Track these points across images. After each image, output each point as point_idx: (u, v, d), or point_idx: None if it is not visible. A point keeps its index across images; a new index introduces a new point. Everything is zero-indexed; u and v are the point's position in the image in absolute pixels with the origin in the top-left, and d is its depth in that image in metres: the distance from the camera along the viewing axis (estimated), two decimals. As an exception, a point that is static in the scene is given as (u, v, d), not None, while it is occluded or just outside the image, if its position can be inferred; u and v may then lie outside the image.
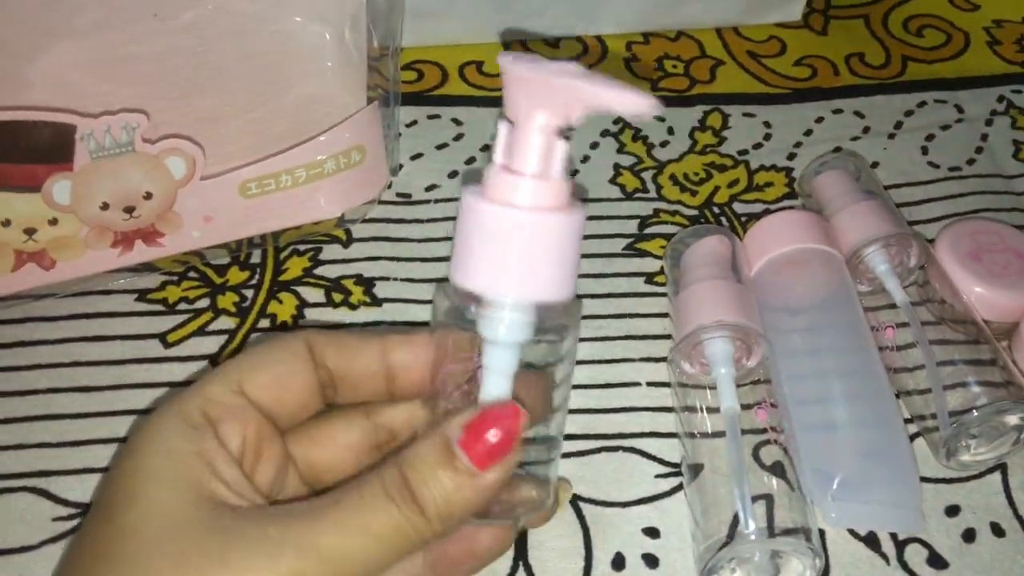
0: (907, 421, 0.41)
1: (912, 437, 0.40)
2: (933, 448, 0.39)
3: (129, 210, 0.40)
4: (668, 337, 0.43)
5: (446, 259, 0.45)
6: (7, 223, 0.38)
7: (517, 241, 0.26)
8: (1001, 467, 0.40)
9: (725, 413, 0.37)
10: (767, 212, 0.49)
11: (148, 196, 0.40)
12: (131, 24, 0.37)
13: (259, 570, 0.23)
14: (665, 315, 0.44)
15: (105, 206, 0.40)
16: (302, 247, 0.46)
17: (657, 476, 0.39)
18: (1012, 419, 0.38)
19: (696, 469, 0.38)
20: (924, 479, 0.39)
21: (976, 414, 0.38)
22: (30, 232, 0.39)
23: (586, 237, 0.47)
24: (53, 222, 0.39)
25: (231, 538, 0.24)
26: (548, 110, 0.26)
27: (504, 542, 0.30)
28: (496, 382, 0.27)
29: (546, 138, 0.26)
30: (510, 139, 0.27)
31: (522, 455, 0.27)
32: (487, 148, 0.51)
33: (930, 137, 0.54)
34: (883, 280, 0.43)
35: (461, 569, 0.30)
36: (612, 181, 0.50)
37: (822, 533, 0.38)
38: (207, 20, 0.38)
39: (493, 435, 0.25)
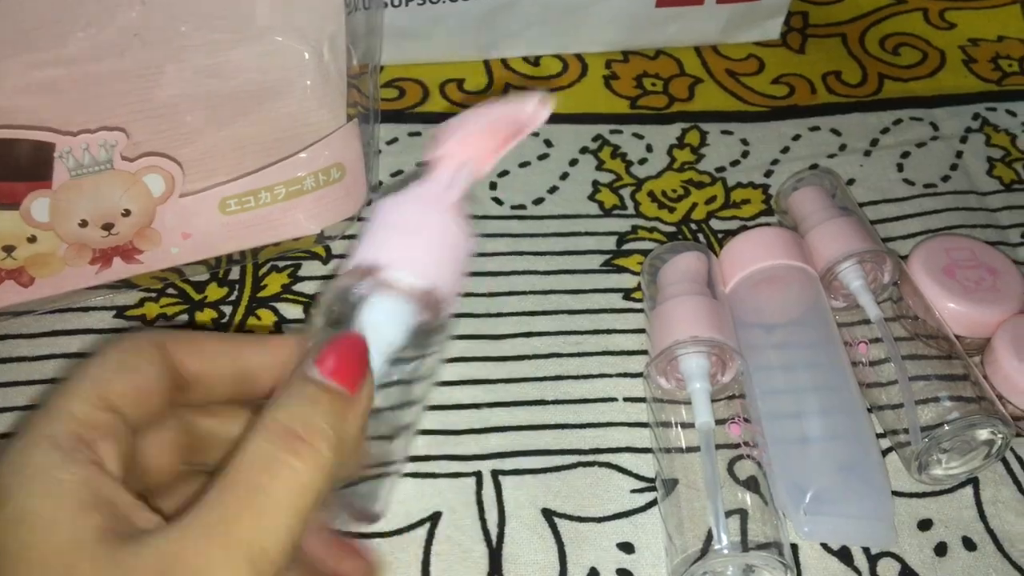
0: (880, 436, 0.41)
1: (885, 452, 0.41)
2: (905, 462, 0.40)
3: (108, 227, 0.40)
4: (645, 353, 0.44)
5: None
6: (-15, 240, 0.38)
7: (408, 227, 0.28)
8: (973, 481, 0.40)
9: (700, 428, 0.38)
10: (743, 229, 0.49)
11: (127, 213, 0.40)
12: (112, 43, 0.37)
13: None
14: (642, 331, 0.45)
15: (84, 223, 0.40)
16: (281, 263, 0.46)
17: (633, 491, 0.39)
18: (983, 434, 0.39)
19: (671, 484, 0.38)
20: (896, 493, 0.39)
21: (947, 428, 0.38)
22: (8, 249, 0.39)
23: (564, 253, 0.48)
24: (32, 239, 0.39)
25: (151, 566, 0.22)
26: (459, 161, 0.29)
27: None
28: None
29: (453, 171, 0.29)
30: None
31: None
32: (467, 165, 0.52)
33: (905, 154, 0.54)
34: (857, 296, 0.43)
35: None
36: (591, 198, 0.51)
37: (795, 547, 0.38)
38: (187, 40, 0.38)
39: (347, 356, 0.25)
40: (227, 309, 0.44)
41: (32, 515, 0.22)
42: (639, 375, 0.43)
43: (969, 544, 0.38)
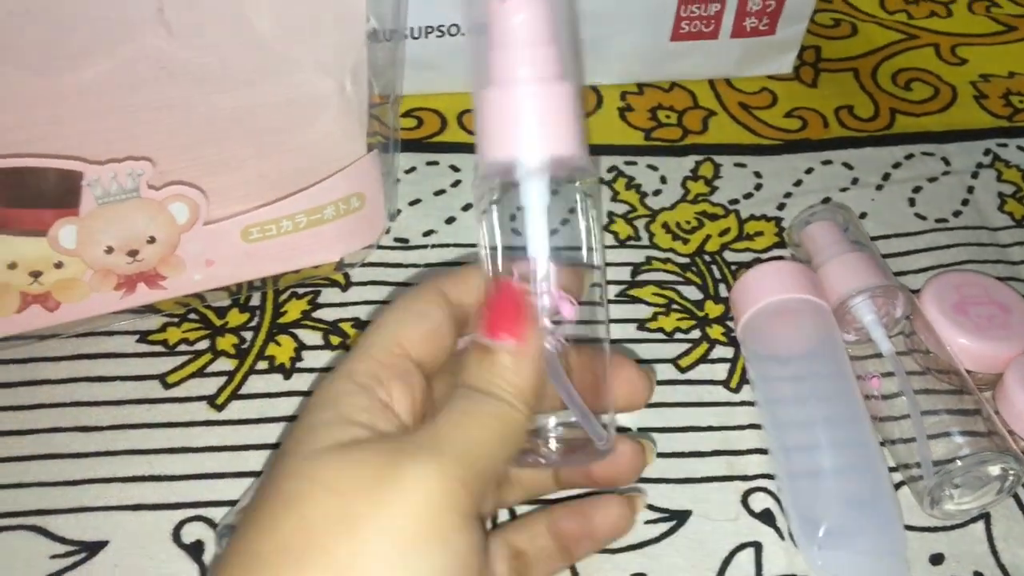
0: (892, 470, 0.41)
1: (897, 486, 0.41)
2: (918, 497, 0.40)
3: (133, 254, 0.41)
4: (659, 383, 0.44)
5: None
6: (13, 266, 0.39)
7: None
8: (984, 516, 0.40)
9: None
10: (757, 261, 0.50)
11: (152, 240, 0.41)
12: (139, 75, 0.38)
13: (411, 478, 0.25)
14: (658, 360, 0.45)
15: (109, 250, 0.41)
16: (301, 290, 0.47)
17: (647, 522, 0.40)
18: (994, 469, 0.39)
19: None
20: (909, 527, 0.40)
21: (959, 464, 0.38)
22: (36, 275, 0.40)
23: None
24: (58, 265, 0.40)
25: (377, 459, 0.26)
26: None
27: (621, 522, 0.34)
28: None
29: None
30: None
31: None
32: (484, 195, 0.52)
33: (917, 189, 0.55)
34: (869, 330, 0.44)
35: (582, 546, 0.34)
36: (606, 228, 0.51)
37: (808, 580, 0.38)
38: (212, 73, 0.39)
39: (505, 312, 0.29)
40: (248, 335, 0.45)
41: (314, 426, 0.27)
42: (653, 405, 0.43)
43: (981, 579, 0.39)
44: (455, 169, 0.54)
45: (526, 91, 0.30)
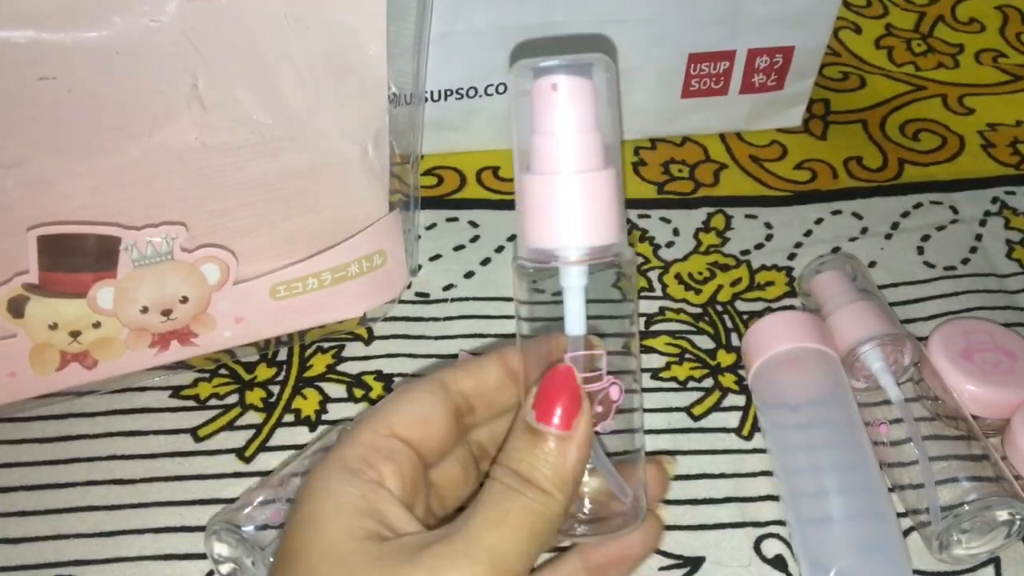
0: (901, 515, 0.42)
1: (906, 532, 0.42)
2: (927, 542, 0.41)
3: (166, 313, 0.43)
4: (673, 431, 0.45)
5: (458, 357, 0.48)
6: (54, 326, 0.41)
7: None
8: (994, 561, 0.41)
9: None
10: (768, 310, 0.51)
11: (184, 300, 0.43)
12: (175, 148, 0.40)
13: None
14: (670, 409, 0.46)
15: (144, 310, 0.43)
16: (326, 345, 0.49)
17: (661, 568, 0.41)
18: (1002, 514, 0.40)
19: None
20: (918, 572, 0.40)
21: (967, 508, 0.39)
22: (75, 335, 0.42)
23: (594, 334, 0.50)
24: (96, 325, 0.42)
25: (410, 565, 0.26)
26: None
27: (652, 539, 0.33)
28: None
29: None
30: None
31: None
32: (502, 249, 0.54)
33: (926, 237, 0.56)
34: (878, 377, 0.45)
35: (618, 571, 0.33)
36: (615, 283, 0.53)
37: (820, 625, 0.39)
38: (243, 142, 0.41)
39: (558, 396, 0.28)
40: (275, 389, 0.46)
41: (317, 518, 0.27)
42: (666, 453, 0.44)
43: (992, 624, 0.39)
44: (474, 225, 0.56)
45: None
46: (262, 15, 0.40)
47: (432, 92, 0.56)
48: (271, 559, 0.36)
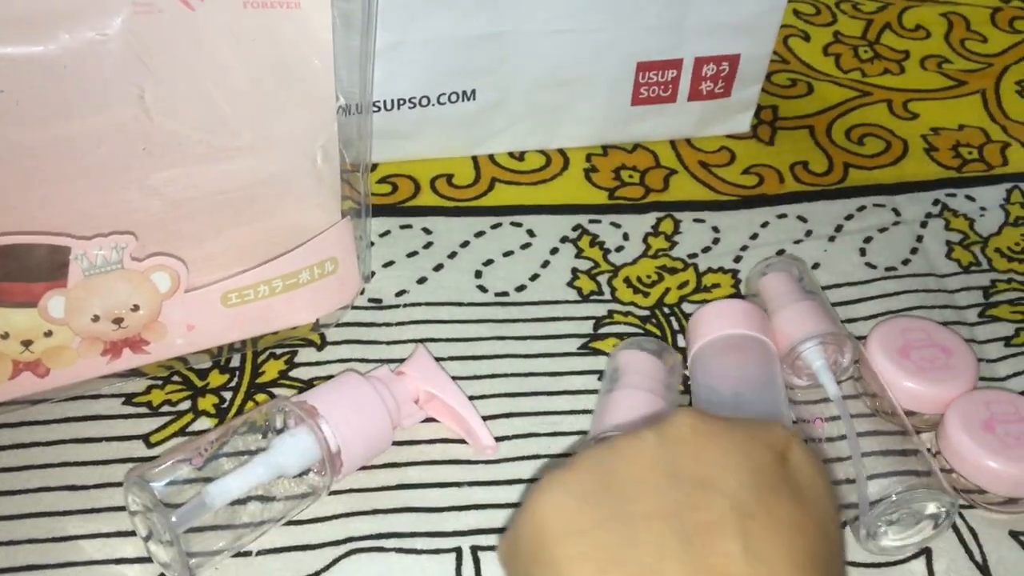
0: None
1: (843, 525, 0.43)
2: (855, 533, 0.42)
3: (118, 321, 0.44)
4: (618, 431, 0.47)
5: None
6: (6, 335, 0.42)
7: None
8: (926, 552, 0.42)
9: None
10: (713, 312, 0.53)
11: (135, 308, 0.44)
12: (122, 157, 0.41)
13: None
14: (616, 411, 0.48)
15: (96, 318, 0.43)
16: (279, 351, 0.49)
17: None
18: (929, 506, 0.41)
19: None
20: (849, 563, 0.42)
21: (894, 499, 0.40)
22: (27, 343, 0.43)
23: (544, 337, 0.51)
24: (48, 334, 0.43)
25: None
26: None
27: None
28: None
29: None
30: None
31: None
32: (454, 255, 0.55)
33: (868, 239, 0.57)
34: (817, 375, 0.46)
35: None
36: (570, 284, 0.54)
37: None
38: (189, 151, 0.42)
39: None
40: (227, 395, 0.47)
41: None
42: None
43: (923, 612, 0.40)
44: (427, 231, 0.57)
45: None
46: (208, 27, 0.41)
47: (385, 101, 0.57)
48: (173, 516, 0.37)
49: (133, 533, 0.41)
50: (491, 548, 0.42)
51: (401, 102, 0.57)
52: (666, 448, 0.29)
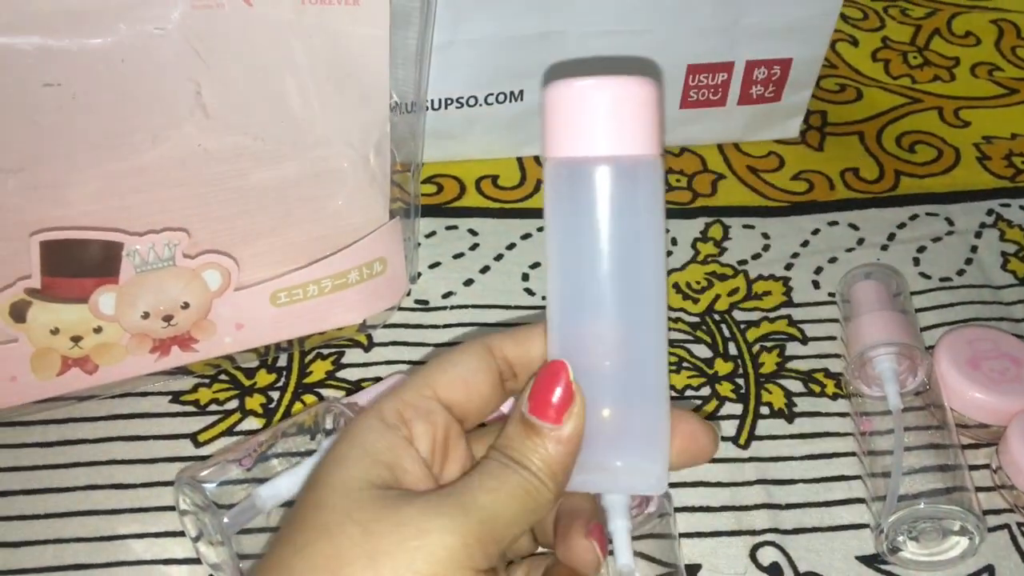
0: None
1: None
2: (878, 543, 0.42)
3: (167, 319, 0.43)
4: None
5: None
6: (56, 331, 0.42)
7: None
8: (988, 568, 0.41)
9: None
10: (764, 320, 0.52)
11: (186, 306, 0.43)
12: (178, 155, 0.41)
13: (436, 530, 0.27)
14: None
15: (146, 315, 0.43)
16: (326, 351, 0.49)
17: None
18: (954, 524, 0.40)
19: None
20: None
21: (904, 512, 0.40)
22: (76, 340, 0.42)
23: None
24: (98, 330, 0.42)
25: (409, 508, 0.28)
26: None
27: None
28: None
29: None
30: None
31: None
32: (500, 257, 0.55)
33: (921, 249, 0.56)
34: (883, 382, 0.45)
35: None
36: (618, 290, 0.53)
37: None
38: (246, 150, 0.42)
39: (549, 391, 0.29)
40: (275, 395, 0.47)
41: (341, 457, 0.29)
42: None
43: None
44: (473, 233, 0.56)
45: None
46: (266, 24, 0.40)
47: (433, 101, 0.56)
48: (224, 518, 0.38)
49: (182, 533, 0.41)
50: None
51: (449, 102, 0.57)
52: None
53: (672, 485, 0.44)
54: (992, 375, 0.46)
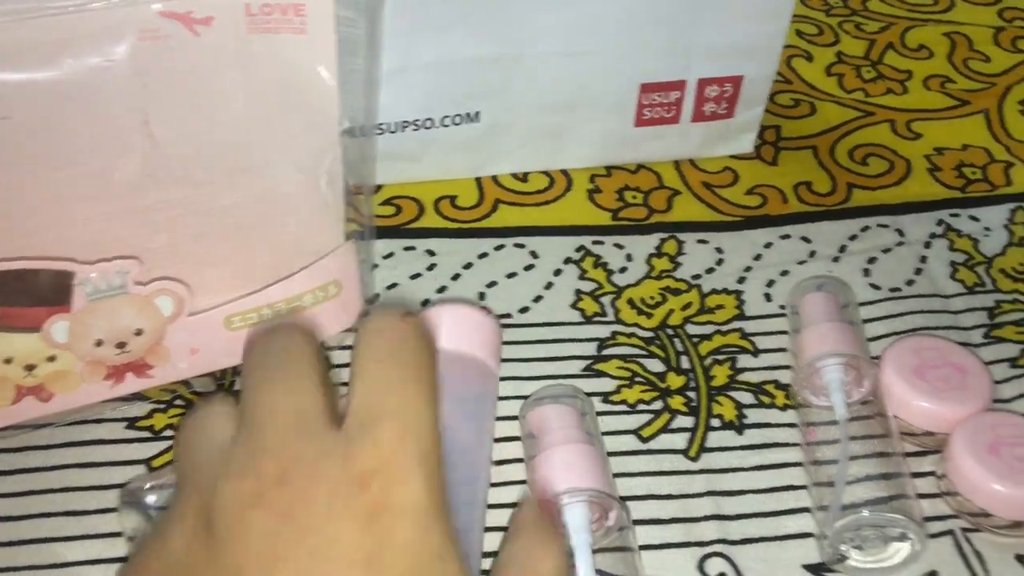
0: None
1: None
2: (821, 552, 0.42)
3: (121, 346, 0.44)
4: (624, 453, 0.46)
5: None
6: (9, 360, 0.42)
7: None
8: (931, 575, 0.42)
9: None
10: (717, 333, 0.52)
11: (139, 333, 0.44)
12: (127, 183, 0.41)
13: None
14: (621, 432, 0.47)
15: (99, 343, 0.43)
16: (282, 374, 0.49)
17: (609, 589, 0.41)
18: (894, 531, 0.41)
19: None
20: (857, 589, 0.41)
21: (848, 520, 0.41)
22: (30, 368, 0.43)
23: (547, 359, 0.51)
24: (51, 359, 0.43)
25: None
26: None
27: None
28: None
29: None
30: None
31: None
32: (457, 276, 0.55)
33: (872, 260, 0.57)
34: (830, 392, 0.46)
35: None
36: (573, 306, 0.54)
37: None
38: (194, 177, 0.42)
39: None
40: (230, 418, 0.47)
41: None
42: (620, 475, 0.45)
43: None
44: (431, 253, 0.57)
45: None
46: (213, 53, 0.41)
47: (389, 124, 0.57)
48: None
49: (135, 558, 0.41)
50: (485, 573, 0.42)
51: (405, 124, 0.58)
52: None
53: (623, 498, 0.44)
54: (937, 384, 0.47)
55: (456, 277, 0.55)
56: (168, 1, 0.39)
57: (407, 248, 0.57)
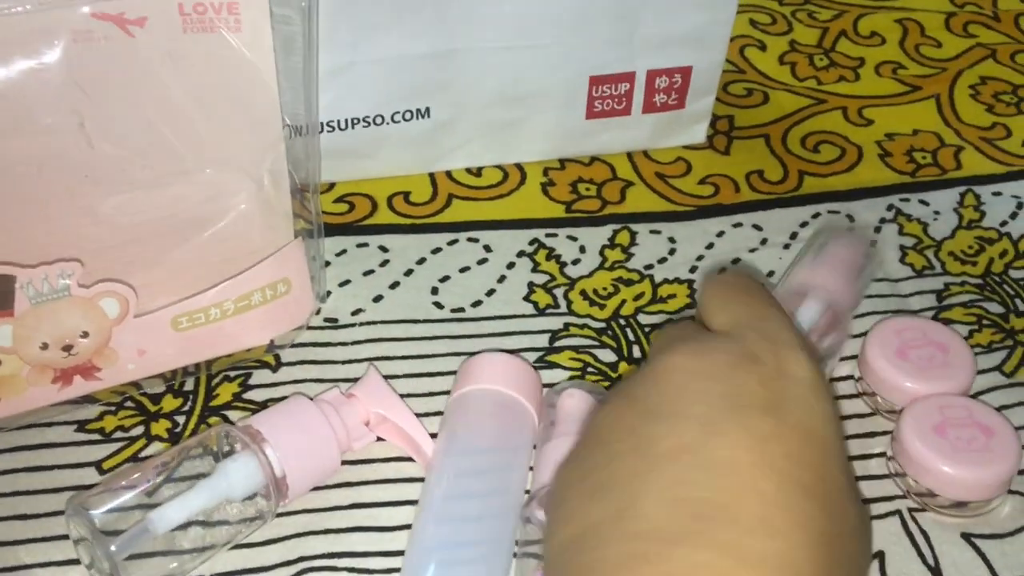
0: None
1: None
2: None
3: (67, 348, 0.44)
4: (573, 445, 0.47)
5: (367, 379, 0.49)
6: (-48, 366, 0.42)
7: None
8: (878, 555, 0.43)
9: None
10: (669, 322, 0.53)
11: (85, 335, 0.44)
12: (65, 185, 0.41)
13: None
14: (571, 424, 0.48)
15: (45, 346, 0.43)
16: (233, 373, 0.49)
17: None
18: None
19: None
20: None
21: None
22: (-26, 373, 0.43)
23: (500, 351, 0.51)
24: (-4, 363, 0.43)
25: None
26: None
27: None
28: None
29: None
30: None
31: None
32: (410, 272, 0.55)
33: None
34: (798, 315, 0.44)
35: None
36: (526, 298, 0.54)
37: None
38: (133, 176, 0.42)
39: None
40: (181, 419, 0.47)
41: None
42: (567, 466, 0.46)
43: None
44: (384, 249, 0.57)
45: None
46: (148, 53, 0.41)
47: (339, 121, 0.57)
48: (112, 545, 0.38)
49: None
50: (444, 565, 0.42)
51: (355, 121, 0.58)
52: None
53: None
54: (919, 363, 0.47)
55: (409, 272, 0.55)
56: (99, 3, 0.39)
57: (360, 245, 0.57)
